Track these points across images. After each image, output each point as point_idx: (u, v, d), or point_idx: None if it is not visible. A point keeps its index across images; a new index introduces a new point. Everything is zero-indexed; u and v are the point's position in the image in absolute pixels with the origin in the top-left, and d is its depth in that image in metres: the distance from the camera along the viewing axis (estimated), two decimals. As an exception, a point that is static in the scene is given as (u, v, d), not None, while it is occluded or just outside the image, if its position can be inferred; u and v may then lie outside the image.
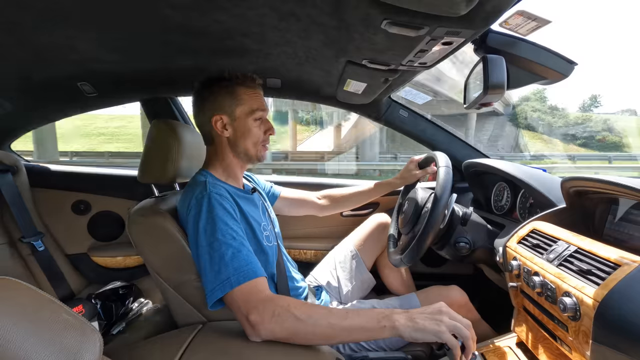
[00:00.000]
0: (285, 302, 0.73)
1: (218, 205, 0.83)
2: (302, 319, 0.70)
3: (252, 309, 0.71)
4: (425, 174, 1.25)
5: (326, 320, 0.70)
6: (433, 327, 0.65)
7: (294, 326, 0.70)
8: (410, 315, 0.68)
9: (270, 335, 0.71)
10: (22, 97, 1.27)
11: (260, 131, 0.96)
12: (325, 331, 0.70)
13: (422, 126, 1.46)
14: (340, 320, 0.70)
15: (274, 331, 0.70)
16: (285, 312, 0.70)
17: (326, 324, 0.69)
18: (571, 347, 0.67)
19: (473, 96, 0.85)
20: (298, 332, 0.70)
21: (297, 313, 0.70)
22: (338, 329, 0.69)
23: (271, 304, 0.72)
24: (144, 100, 1.49)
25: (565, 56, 0.77)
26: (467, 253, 1.03)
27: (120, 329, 1.31)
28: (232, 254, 0.77)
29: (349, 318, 0.70)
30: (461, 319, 0.67)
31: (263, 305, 0.72)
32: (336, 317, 0.70)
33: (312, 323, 0.70)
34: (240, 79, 0.94)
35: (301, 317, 0.70)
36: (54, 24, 0.76)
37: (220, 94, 0.93)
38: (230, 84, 0.93)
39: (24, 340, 0.38)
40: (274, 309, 0.71)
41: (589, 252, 0.68)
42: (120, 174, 1.66)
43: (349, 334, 0.70)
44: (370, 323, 0.69)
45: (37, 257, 1.48)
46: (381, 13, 0.60)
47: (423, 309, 0.69)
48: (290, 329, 0.70)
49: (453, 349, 0.64)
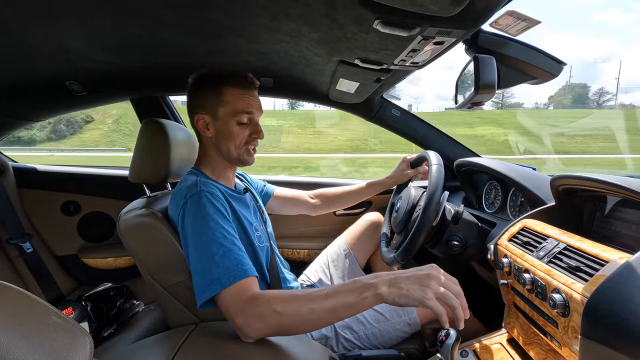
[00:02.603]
0: (266, 298, 0.70)
1: (209, 203, 0.82)
2: (284, 312, 0.67)
3: (238, 312, 0.70)
4: (417, 173, 1.26)
5: (306, 307, 0.67)
6: (418, 294, 0.61)
7: (278, 321, 0.68)
8: (394, 280, 0.63)
9: (259, 335, 0.70)
10: (8, 96, 1.25)
11: (243, 134, 0.91)
12: (309, 318, 0.67)
13: (414, 125, 1.47)
14: (320, 303, 0.66)
15: (261, 330, 0.69)
16: (267, 309, 0.68)
17: (308, 311, 0.66)
18: (561, 342, 0.68)
19: (464, 95, 0.86)
20: (284, 325, 0.68)
21: (278, 308, 0.68)
22: (321, 313, 0.66)
23: (253, 304, 0.70)
24: (134, 99, 1.47)
25: (554, 56, 0.78)
26: (459, 251, 1.04)
27: (111, 331, 1.30)
28: (222, 253, 0.76)
29: (330, 298, 0.66)
30: (452, 285, 0.63)
31: (247, 305, 0.70)
32: (316, 301, 0.67)
33: (294, 314, 0.67)
34: (227, 78, 0.89)
35: (282, 310, 0.67)
36: (43, 22, 0.74)
37: (206, 93, 0.90)
38: (217, 83, 0.89)
39: (12, 344, 0.37)
40: (256, 308, 0.69)
41: (578, 249, 0.69)
42: (110, 174, 1.64)
43: (335, 314, 0.66)
44: (352, 297, 0.65)
45: (25, 258, 1.46)
46: (373, 13, 0.60)
47: (411, 273, 0.65)
48: (275, 325, 0.68)
49: (440, 317, 0.60)
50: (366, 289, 0.64)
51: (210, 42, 0.90)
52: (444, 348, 0.74)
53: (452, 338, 0.74)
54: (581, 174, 0.77)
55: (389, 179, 1.29)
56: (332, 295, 0.67)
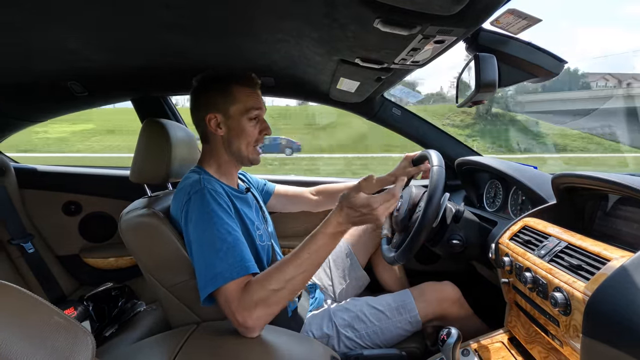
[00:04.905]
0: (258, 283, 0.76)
1: (213, 200, 0.83)
2: (280, 286, 0.74)
3: (239, 307, 0.73)
4: (418, 171, 1.26)
5: (292, 268, 0.75)
6: (370, 222, 0.75)
7: (277, 298, 0.74)
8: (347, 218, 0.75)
9: (261, 323, 0.74)
10: (9, 97, 1.25)
11: (255, 131, 0.95)
12: (294, 285, 0.75)
13: (414, 124, 1.47)
14: (297, 270, 0.75)
15: (262, 317, 0.73)
16: (264, 292, 0.74)
17: (294, 270, 0.74)
18: (562, 341, 0.68)
19: (465, 94, 0.86)
20: (282, 298, 0.75)
21: (274, 285, 0.74)
22: (302, 276, 0.75)
23: (249, 294, 0.74)
24: (135, 100, 1.47)
25: (555, 54, 0.77)
26: (460, 250, 1.04)
27: (113, 331, 1.30)
28: (226, 249, 0.77)
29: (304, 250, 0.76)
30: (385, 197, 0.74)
31: (244, 297, 0.73)
32: (295, 259, 0.75)
33: (288, 280, 0.74)
34: (236, 77, 0.93)
35: (278, 286, 0.74)
36: (44, 23, 0.75)
37: (216, 92, 0.92)
38: (226, 83, 0.92)
39: (14, 343, 0.37)
40: (253, 296, 0.73)
41: (579, 248, 0.69)
42: (111, 173, 1.64)
43: (315, 267, 0.77)
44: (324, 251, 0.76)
45: (27, 259, 1.46)
46: (373, 12, 0.60)
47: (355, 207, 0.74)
48: (274, 303, 0.74)
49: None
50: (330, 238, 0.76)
51: (212, 42, 0.90)
52: (445, 347, 0.74)
53: (453, 337, 0.74)
54: (582, 172, 0.76)
55: (391, 176, 1.29)
56: (305, 247, 0.76)
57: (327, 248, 0.77)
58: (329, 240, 0.76)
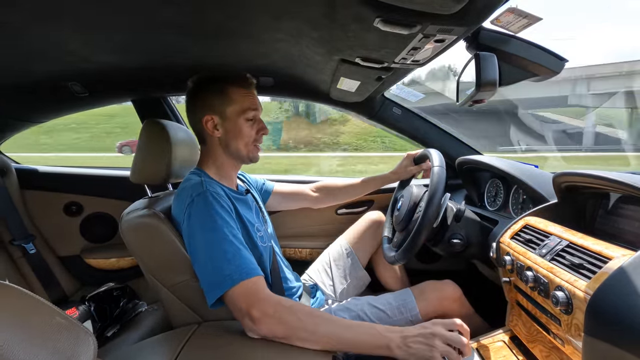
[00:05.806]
0: (289, 303, 0.75)
1: (216, 202, 0.83)
2: (304, 325, 0.72)
3: (254, 305, 0.73)
4: (420, 170, 1.26)
5: (324, 328, 0.72)
6: (425, 354, 0.68)
7: (295, 330, 0.72)
8: (404, 340, 0.70)
9: (269, 333, 0.72)
10: (10, 98, 1.25)
11: (252, 131, 0.95)
12: (321, 338, 0.72)
13: (415, 124, 1.47)
14: (336, 329, 0.72)
15: (274, 330, 0.72)
16: (291, 317, 0.72)
17: (324, 332, 0.72)
18: (564, 340, 0.68)
19: (465, 93, 0.85)
20: (298, 334, 0.72)
21: (302, 317, 0.72)
22: (332, 338, 0.71)
23: (271, 303, 0.73)
24: (135, 100, 1.47)
25: (556, 53, 0.77)
26: (461, 249, 1.04)
27: (114, 331, 1.31)
28: (234, 251, 0.78)
29: (347, 330, 0.73)
30: (455, 338, 0.69)
31: (265, 302, 0.73)
32: (334, 326, 0.73)
33: (312, 329, 0.72)
34: (231, 78, 0.93)
35: (304, 323, 0.72)
36: (43, 23, 0.75)
37: (211, 94, 0.92)
38: (221, 84, 0.92)
39: (16, 344, 0.37)
40: (276, 307, 0.72)
41: (581, 247, 0.69)
42: (112, 174, 1.65)
43: (339, 344, 0.72)
44: (365, 339, 0.72)
45: (29, 259, 1.47)
46: (374, 11, 0.60)
47: (418, 332, 0.71)
48: (290, 331, 0.72)
49: None
50: (381, 339, 0.71)
51: (211, 43, 0.90)
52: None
53: None
54: (584, 170, 0.76)
55: (392, 174, 1.29)
56: (349, 327, 0.73)
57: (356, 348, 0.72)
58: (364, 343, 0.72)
